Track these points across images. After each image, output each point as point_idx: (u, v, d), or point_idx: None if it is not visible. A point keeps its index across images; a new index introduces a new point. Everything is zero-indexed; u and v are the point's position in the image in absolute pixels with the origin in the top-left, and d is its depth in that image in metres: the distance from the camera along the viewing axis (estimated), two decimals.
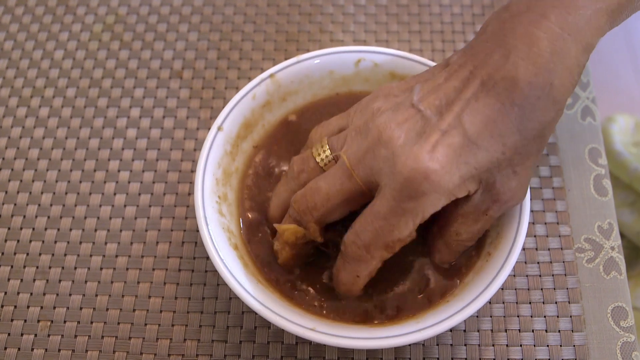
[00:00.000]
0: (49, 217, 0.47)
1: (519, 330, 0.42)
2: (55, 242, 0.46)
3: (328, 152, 0.38)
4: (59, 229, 0.47)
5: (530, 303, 0.43)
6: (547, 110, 0.34)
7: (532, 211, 0.46)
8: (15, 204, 0.48)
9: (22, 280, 0.45)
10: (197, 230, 0.45)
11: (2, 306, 0.44)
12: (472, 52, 0.36)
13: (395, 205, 0.34)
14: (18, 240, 0.46)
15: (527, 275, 0.44)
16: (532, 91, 0.33)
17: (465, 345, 0.42)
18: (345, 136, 0.38)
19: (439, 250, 0.40)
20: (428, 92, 0.36)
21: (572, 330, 0.42)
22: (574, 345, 0.42)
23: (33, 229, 0.47)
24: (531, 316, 0.43)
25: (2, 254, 0.46)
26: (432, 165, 0.33)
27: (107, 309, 0.44)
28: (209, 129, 0.42)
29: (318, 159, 0.39)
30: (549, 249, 0.45)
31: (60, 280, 0.45)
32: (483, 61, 0.35)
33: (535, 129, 0.34)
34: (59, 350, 0.42)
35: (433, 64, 0.44)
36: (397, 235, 0.35)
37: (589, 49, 0.35)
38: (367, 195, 0.36)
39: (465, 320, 0.43)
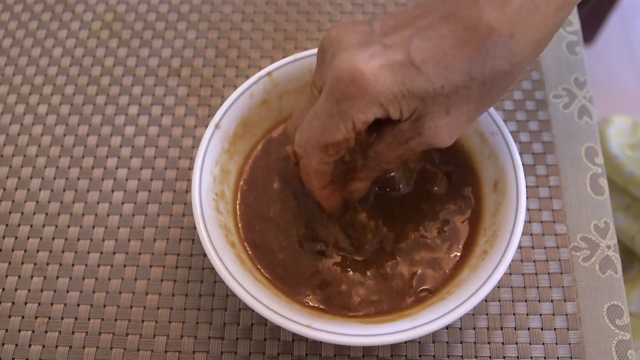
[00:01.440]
0: (46, 213, 0.47)
1: (515, 328, 0.43)
2: (53, 238, 0.46)
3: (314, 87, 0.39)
4: (56, 226, 0.47)
5: (526, 301, 0.43)
6: (501, 59, 0.33)
7: (528, 210, 0.47)
8: (13, 201, 0.48)
9: (19, 276, 0.45)
10: (195, 228, 0.46)
11: (0, 302, 0.44)
12: None
13: (328, 105, 0.34)
14: (16, 237, 0.46)
15: (523, 274, 0.44)
16: (490, 35, 0.32)
17: (461, 342, 0.42)
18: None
19: (360, 168, 0.40)
20: (388, 17, 0.35)
21: (568, 329, 0.43)
22: (570, 344, 0.42)
23: (31, 225, 0.47)
24: (527, 314, 0.43)
25: (0, 250, 0.46)
26: (363, 69, 0.32)
27: (105, 306, 0.44)
28: (207, 126, 0.43)
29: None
30: (545, 248, 0.45)
31: (57, 277, 0.45)
32: (450, 2, 0.34)
33: (484, 74, 0.33)
34: (57, 346, 0.43)
35: None
36: (329, 137, 0.35)
37: (560, 12, 0.34)
38: None
39: (461, 318, 0.43)
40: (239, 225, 0.43)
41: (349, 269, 0.41)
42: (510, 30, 0.32)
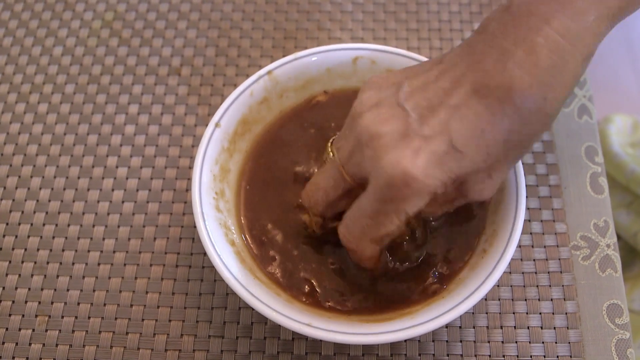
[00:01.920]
0: (47, 212, 0.47)
1: (515, 326, 0.43)
2: (54, 237, 0.46)
3: (330, 152, 0.39)
4: (57, 225, 0.47)
5: (526, 300, 0.43)
6: (537, 123, 0.33)
7: (528, 209, 0.47)
8: (13, 200, 0.48)
9: (20, 275, 0.45)
10: (195, 226, 0.46)
11: (0, 301, 0.44)
12: (468, 51, 0.34)
13: (379, 205, 0.34)
14: (16, 236, 0.47)
15: (523, 273, 0.44)
16: (525, 104, 0.32)
17: (461, 341, 0.42)
18: (340, 133, 0.38)
19: None
20: (416, 89, 0.35)
21: (568, 327, 0.43)
22: (569, 342, 0.42)
23: (31, 224, 0.47)
24: (527, 313, 0.43)
25: (1, 249, 0.46)
26: (413, 172, 0.32)
27: (105, 304, 0.44)
28: (207, 125, 0.43)
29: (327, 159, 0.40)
30: (544, 247, 0.45)
31: (58, 276, 0.45)
32: (477, 63, 0.33)
33: (522, 140, 0.33)
34: (57, 345, 0.43)
35: None
36: (383, 232, 0.35)
37: (589, 58, 0.34)
38: (362, 189, 0.36)
39: (461, 317, 0.43)
40: (242, 222, 0.43)
41: (350, 268, 0.41)
42: (543, 95, 0.32)
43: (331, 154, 0.39)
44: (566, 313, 0.43)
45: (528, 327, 0.43)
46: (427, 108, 0.34)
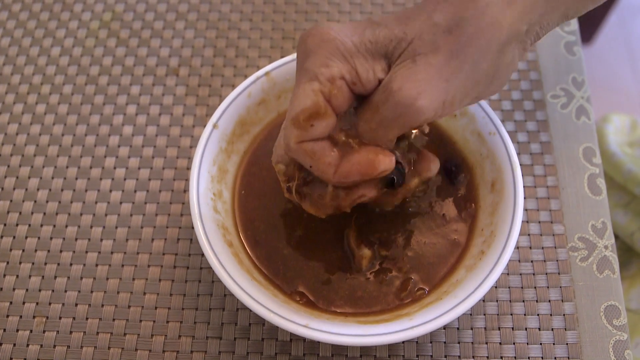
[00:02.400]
0: (44, 213, 0.47)
1: (512, 328, 0.43)
2: (51, 238, 0.46)
3: None
4: (54, 226, 0.47)
5: (523, 301, 0.43)
6: (462, 4, 0.32)
7: (526, 210, 0.47)
8: (11, 201, 0.48)
9: (17, 276, 0.45)
10: (192, 227, 0.46)
11: None
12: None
13: (296, 76, 0.34)
14: (14, 237, 0.46)
15: (520, 274, 0.44)
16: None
17: (459, 343, 0.42)
18: None
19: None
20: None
21: (565, 329, 0.43)
22: (567, 344, 0.42)
23: (29, 225, 0.47)
24: (524, 314, 0.43)
25: None
26: (322, 27, 0.33)
27: (102, 305, 0.44)
28: (205, 126, 0.43)
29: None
30: (542, 248, 0.45)
31: (55, 277, 0.45)
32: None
33: (447, 19, 0.32)
34: (54, 346, 0.43)
35: None
36: (301, 106, 0.33)
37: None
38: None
39: (458, 318, 0.43)
40: (238, 223, 0.43)
41: (347, 268, 0.41)
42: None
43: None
44: (564, 314, 0.43)
45: (526, 329, 0.43)
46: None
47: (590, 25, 1.36)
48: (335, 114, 0.33)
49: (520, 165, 0.45)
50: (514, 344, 0.42)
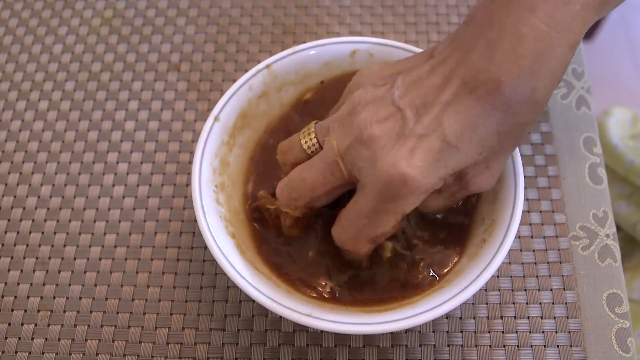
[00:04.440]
0: (48, 208, 0.48)
1: (515, 317, 0.43)
2: (55, 233, 0.47)
3: (314, 138, 0.39)
4: (58, 220, 0.47)
5: (525, 290, 0.44)
6: (527, 113, 0.34)
7: (527, 199, 0.47)
8: (15, 196, 0.48)
9: (22, 271, 0.45)
10: (195, 221, 0.46)
11: (3, 296, 0.44)
12: (457, 44, 0.35)
13: (377, 205, 0.35)
14: (18, 232, 0.47)
15: (522, 263, 0.45)
16: (514, 95, 0.32)
17: (462, 332, 0.42)
18: (329, 124, 0.38)
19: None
20: (409, 86, 0.35)
21: (568, 317, 0.43)
22: (569, 332, 0.42)
23: (33, 220, 0.47)
24: (527, 303, 0.43)
25: (2, 245, 0.46)
26: (410, 172, 0.33)
27: (106, 299, 0.44)
28: (206, 120, 0.43)
29: (304, 145, 0.39)
30: (544, 237, 0.45)
31: (59, 271, 0.45)
32: (466, 57, 0.34)
33: (513, 129, 0.34)
34: (59, 339, 0.43)
35: None
36: (380, 231, 0.36)
37: (575, 46, 0.34)
38: (351, 185, 0.37)
39: (461, 307, 0.43)
40: (239, 215, 0.43)
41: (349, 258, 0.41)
42: (531, 85, 0.33)
43: (314, 138, 0.39)
44: (566, 303, 0.43)
45: (528, 317, 0.43)
46: (421, 106, 0.34)
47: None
48: None
49: (521, 155, 0.45)
50: (516, 332, 0.42)
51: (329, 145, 0.37)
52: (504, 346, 0.42)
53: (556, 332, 0.42)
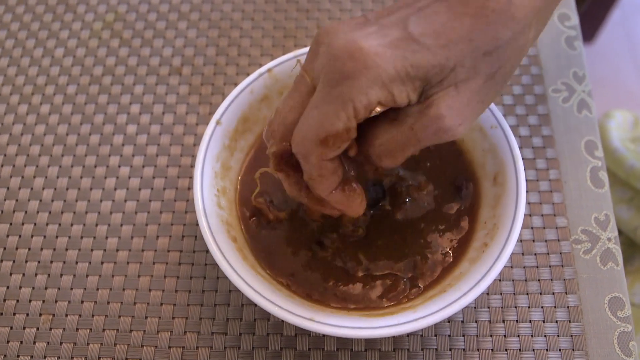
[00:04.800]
0: (50, 212, 0.48)
1: (517, 320, 0.43)
2: (57, 237, 0.47)
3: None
4: (60, 224, 0.47)
5: (527, 294, 0.44)
6: (502, 25, 0.31)
7: (529, 203, 0.47)
8: (17, 200, 0.48)
9: (24, 274, 0.45)
10: (197, 224, 0.46)
11: (5, 300, 0.44)
12: None
13: (325, 91, 0.32)
14: (20, 236, 0.47)
15: (524, 267, 0.45)
16: (487, 3, 0.31)
17: (464, 335, 0.42)
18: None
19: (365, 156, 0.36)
20: (382, 8, 0.34)
21: (570, 321, 0.43)
22: (572, 336, 0.42)
23: (35, 224, 0.47)
24: (529, 307, 0.43)
25: (4, 249, 0.46)
26: (361, 44, 0.30)
27: (108, 303, 0.44)
28: (208, 124, 0.43)
29: None
30: (545, 241, 0.45)
31: (61, 275, 0.45)
32: None
33: (487, 44, 0.31)
34: (61, 343, 0.43)
35: None
36: (329, 127, 0.32)
37: None
38: None
39: (463, 311, 0.43)
40: (241, 220, 0.43)
41: (350, 261, 0.41)
42: None
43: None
44: (568, 306, 0.43)
45: (530, 321, 0.43)
46: (388, 11, 0.33)
47: (592, 23, 1.36)
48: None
49: (523, 159, 0.45)
50: (518, 336, 0.42)
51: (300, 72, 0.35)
52: (506, 350, 0.42)
53: (558, 336, 0.42)
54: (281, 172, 0.37)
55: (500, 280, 0.44)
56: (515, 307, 0.43)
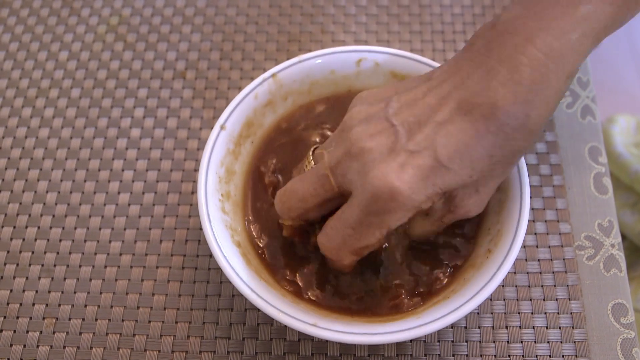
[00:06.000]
0: (54, 215, 0.48)
1: (520, 326, 0.43)
2: (60, 240, 0.47)
3: (312, 161, 0.40)
4: (64, 228, 0.47)
5: (530, 300, 0.44)
6: (520, 140, 0.34)
7: (532, 209, 0.47)
8: (20, 203, 0.48)
9: (27, 278, 0.45)
10: (201, 229, 0.46)
11: (8, 304, 0.44)
12: (455, 68, 0.35)
13: (363, 217, 0.34)
14: (23, 239, 0.47)
15: (527, 273, 0.44)
16: (509, 121, 0.33)
17: (467, 341, 0.42)
18: (328, 142, 0.38)
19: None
20: (404, 105, 0.36)
21: (573, 327, 0.43)
22: (575, 342, 0.42)
23: (38, 227, 0.47)
24: (532, 313, 0.43)
25: (8, 252, 0.46)
26: (399, 186, 0.33)
27: (112, 307, 0.44)
28: (212, 128, 0.43)
29: (307, 170, 0.40)
30: (549, 247, 0.45)
31: (65, 278, 0.45)
32: (463, 81, 0.34)
33: (506, 155, 0.34)
34: (64, 347, 0.43)
35: (434, 63, 0.44)
36: (364, 243, 0.36)
37: (571, 77, 0.34)
38: (341, 199, 0.37)
39: (466, 317, 0.43)
40: (246, 224, 0.43)
41: (355, 269, 0.41)
42: (525, 112, 0.33)
43: (312, 162, 0.39)
44: (571, 313, 0.43)
45: (533, 327, 0.43)
46: (414, 123, 0.35)
47: None
48: None
49: (527, 164, 0.45)
50: (521, 342, 0.42)
51: (321, 158, 0.37)
52: (509, 356, 0.42)
53: (561, 342, 0.42)
54: (294, 237, 0.42)
55: (503, 286, 0.44)
56: (519, 313, 0.43)
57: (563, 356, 0.42)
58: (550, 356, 0.42)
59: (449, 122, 0.34)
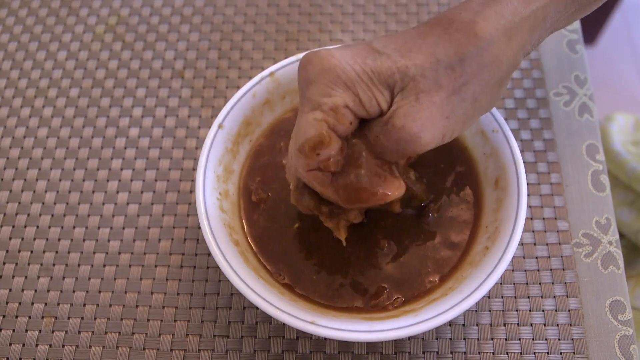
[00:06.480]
0: (52, 215, 0.48)
1: (518, 324, 0.43)
2: (59, 239, 0.47)
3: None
4: (62, 227, 0.47)
5: (528, 297, 0.44)
6: (465, 42, 0.33)
7: (530, 207, 0.47)
8: (19, 203, 0.48)
9: (26, 277, 0.45)
10: (199, 227, 0.46)
11: (7, 303, 0.44)
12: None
13: (300, 104, 0.34)
14: (22, 238, 0.47)
15: (525, 270, 0.45)
16: (452, 23, 0.33)
17: (465, 339, 0.42)
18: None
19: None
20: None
21: (571, 324, 0.43)
22: (572, 339, 0.42)
23: (37, 226, 0.47)
24: (530, 310, 0.43)
25: (7, 251, 0.46)
26: (321, 52, 0.33)
27: (110, 305, 0.44)
28: (210, 127, 0.43)
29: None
30: (547, 244, 0.45)
31: (64, 277, 0.45)
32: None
33: (449, 57, 0.33)
34: (63, 346, 0.43)
35: None
36: (303, 134, 0.34)
37: (532, 2, 0.34)
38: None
39: (464, 315, 0.43)
40: (244, 222, 0.43)
41: (353, 264, 0.41)
42: (471, 18, 0.33)
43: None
44: (569, 310, 0.43)
45: (531, 324, 0.43)
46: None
47: (593, 26, 1.36)
48: (340, 139, 0.34)
49: (524, 162, 0.45)
50: (519, 339, 0.42)
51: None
52: (507, 353, 0.42)
53: (559, 340, 0.42)
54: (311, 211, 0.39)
55: (501, 283, 0.44)
56: (517, 310, 0.43)
57: (561, 353, 0.42)
58: (548, 353, 0.42)
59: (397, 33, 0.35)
